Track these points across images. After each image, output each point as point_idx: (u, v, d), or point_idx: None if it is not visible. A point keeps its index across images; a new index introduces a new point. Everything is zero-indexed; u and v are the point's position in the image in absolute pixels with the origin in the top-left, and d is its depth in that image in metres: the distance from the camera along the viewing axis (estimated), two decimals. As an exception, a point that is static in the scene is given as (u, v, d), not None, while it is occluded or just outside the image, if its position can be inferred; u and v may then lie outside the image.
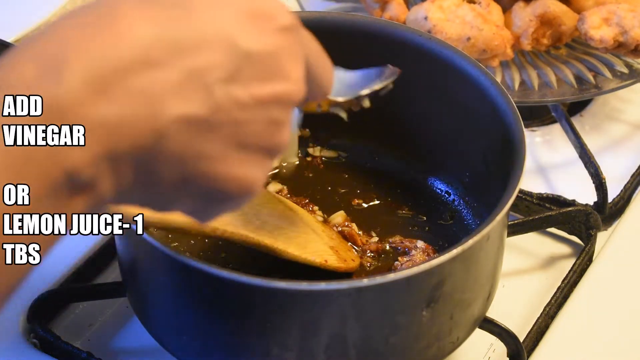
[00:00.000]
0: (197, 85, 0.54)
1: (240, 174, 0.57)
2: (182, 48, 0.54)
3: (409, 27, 0.97)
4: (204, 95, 0.54)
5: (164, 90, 0.53)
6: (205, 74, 0.54)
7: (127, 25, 0.53)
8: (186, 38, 0.54)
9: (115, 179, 0.53)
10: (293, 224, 0.85)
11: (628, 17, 1.05)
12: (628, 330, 0.91)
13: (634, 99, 1.17)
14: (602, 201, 1.00)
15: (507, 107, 0.84)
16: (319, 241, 0.85)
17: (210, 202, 0.59)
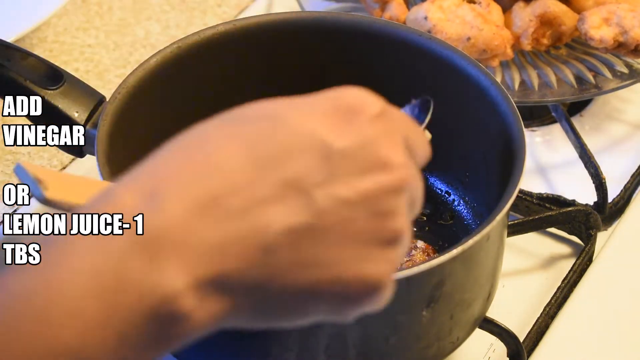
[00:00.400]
0: (296, 193, 0.53)
1: (362, 271, 0.56)
2: (272, 161, 0.54)
3: (409, 27, 0.97)
4: (305, 201, 0.54)
5: (263, 205, 0.53)
6: (301, 181, 0.54)
7: (215, 148, 0.54)
8: (274, 150, 0.54)
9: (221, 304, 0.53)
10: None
11: (628, 17, 1.05)
12: (628, 330, 0.91)
13: (634, 99, 1.17)
14: (602, 201, 1.00)
15: (507, 107, 0.84)
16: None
17: (341, 306, 0.57)
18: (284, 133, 0.55)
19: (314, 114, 0.56)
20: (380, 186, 0.56)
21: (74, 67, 1.18)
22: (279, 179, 0.53)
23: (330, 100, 0.57)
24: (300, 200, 0.54)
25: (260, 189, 0.53)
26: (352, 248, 0.55)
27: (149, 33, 1.24)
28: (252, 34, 0.92)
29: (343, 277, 0.55)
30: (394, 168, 0.56)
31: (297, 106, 0.57)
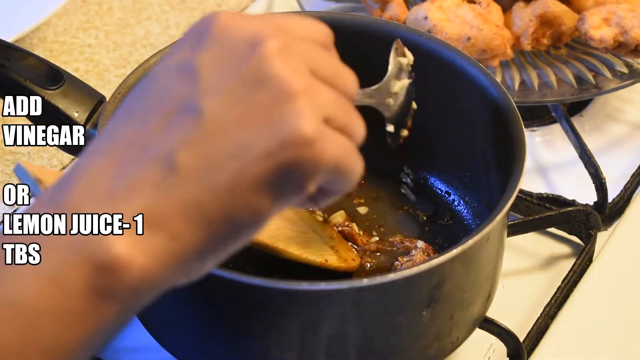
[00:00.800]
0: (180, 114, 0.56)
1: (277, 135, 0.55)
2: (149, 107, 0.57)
3: (409, 27, 0.97)
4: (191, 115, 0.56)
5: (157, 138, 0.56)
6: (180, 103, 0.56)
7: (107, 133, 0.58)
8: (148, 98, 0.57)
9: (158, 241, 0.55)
10: (293, 223, 0.85)
11: (628, 17, 1.05)
12: (628, 330, 0.91)
13: (634, 99, 1.17)
14: (602, 201, 1.00)
15: (507, 107, 0.84)
16: (319, 241, 0.85)
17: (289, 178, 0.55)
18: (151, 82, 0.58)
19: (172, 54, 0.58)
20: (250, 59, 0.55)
21: (74, 67, 1.18)
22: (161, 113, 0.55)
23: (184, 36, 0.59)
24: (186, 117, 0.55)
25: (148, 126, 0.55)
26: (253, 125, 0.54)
27: (149, 33, 1.24)
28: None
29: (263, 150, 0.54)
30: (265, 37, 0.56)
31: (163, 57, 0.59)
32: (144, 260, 0.53)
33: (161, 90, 0.56)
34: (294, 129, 0.54)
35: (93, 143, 0.57)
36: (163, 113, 0.55)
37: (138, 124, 0.56)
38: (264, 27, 0.57)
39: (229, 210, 0.55)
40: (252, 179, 0.54)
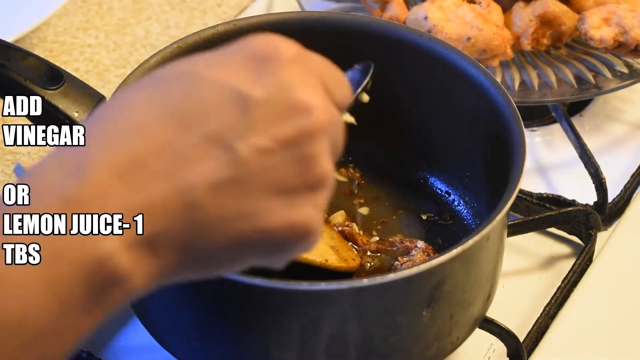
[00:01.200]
0: (217, 148, 0.54)
1: (289, 218, 0.56)
2: (190, 118, 0.54)
3: (409, 27, 0.97)
4: (226, 155, 0.54)
5: (185, 164, 0.53)
6: (220, 135, 0.54)
7: (137, 114, 0.54)
8: (191, 107, 0.54)
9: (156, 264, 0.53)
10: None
11: (628, 17, 1.05)
12: (628, 329, 0.91)
13: (634, 99, 1.17)
14: (602, 201, 1.00)
15: (507, 107, 0.84)
16: (319, 241, 0.85)
17: (273, 253, 0.57)
18: (199, 89, 0.55)
19: (227, 67, 0.56)
20: (301, 131, 0.56)
21: (74, 67, 1.18)
22: (198, 136, 0.54)
23: (242, 49, 0.57)
24: (221, 155, 0.54)
25: (181, 148, 0.53)
26: (277, 196, 0.56)
27: (149, 33, 1.24)
28: (252, 34, 0.92)
29: (270, 225, 0.55)
30: (311, 111, 0.56)
31: (210, 61, 0.57)
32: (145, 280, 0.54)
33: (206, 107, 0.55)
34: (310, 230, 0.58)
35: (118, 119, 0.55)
36: (201, 136, 0.54)
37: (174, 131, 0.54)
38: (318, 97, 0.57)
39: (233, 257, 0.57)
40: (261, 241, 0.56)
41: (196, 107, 0.54)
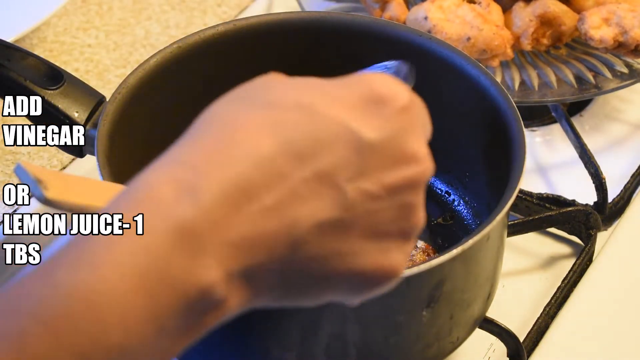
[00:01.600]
0: (327, 188, 0.53)
1: (381, 263, 0.57)
2: (304, 153, 0.53)
3: (409, 27, 0.97)
4: (335, 196, 0.54)
5: (296, 200, 0.53)
6: (332, 175, 0.54)
7: (251, 140, 0.53)
8: (307, 142, 0.53)
9: (248, 292, 0.53)
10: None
11: (628, 17, 1.05)
12: (628, 330, 0.91)
13: (634, 99, 1.17)
14: (602, 201, 1.00)
15: (507, 107, 0.84)
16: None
17: (356, 292, 0.58)
18: (315, 124, 0.54)
19: (344, 103, 0.55)
20: (407, 180, 0.56)
21: (74, 67, 1.18)
22: (311, 173, 0.53)
23: (359, 87, 0.56)
24: (330, 195, 0.54)
25: (292, 183, 0.53)
26: (374, 240, 0.56)
27: (149, 33, 1.24)
28: (252, 34, 0.92)
29: (364, 268, 0.56)
30: (419, 161, 0.57)
31: (326, 93, 0.56)
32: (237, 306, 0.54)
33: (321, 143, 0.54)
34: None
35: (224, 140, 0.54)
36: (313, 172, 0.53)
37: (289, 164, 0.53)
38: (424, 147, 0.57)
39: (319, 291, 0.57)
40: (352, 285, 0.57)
41: (312, 142, 0.53)
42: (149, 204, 0.51)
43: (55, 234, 0.53)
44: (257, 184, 0.52)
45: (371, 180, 0.55)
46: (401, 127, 0.56)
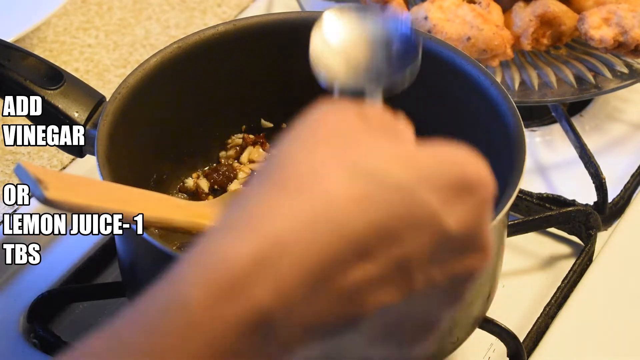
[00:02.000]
0: (401, 274, 0.52)
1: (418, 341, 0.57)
2: (393, 236, 0.51)
3: (409, 27, 0.97)
4: (405, 283, 0.53)
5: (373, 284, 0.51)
6: (409, 261, 0.52)
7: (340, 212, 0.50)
8: (397, 223, 0.51)
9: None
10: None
11: (628, 17, 1.05)
12: (628, 330, 0.91)
13: (634, 99, 1.17)
14: (602, 201, 1.00)
15: (507, 107, 0.84)
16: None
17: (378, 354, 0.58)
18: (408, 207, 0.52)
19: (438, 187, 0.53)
20: (470, 272, 0.55)
21: (74, 67, 1.18)
22: (393, 257, 0.52)
23: (453, 168, 0.54)
24: (401, 282, 0.53)
25: (375, 266, 0.51)
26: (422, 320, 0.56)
27: (149, 33, 1.24)
28: (252, 34, 0.92)
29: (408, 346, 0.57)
30: (486, 253, 0.56)
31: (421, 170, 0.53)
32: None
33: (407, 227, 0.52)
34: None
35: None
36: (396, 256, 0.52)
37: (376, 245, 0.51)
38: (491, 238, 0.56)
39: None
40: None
41: (401, 225, 0.52)
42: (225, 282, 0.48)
43: (55, 234, 0.53)
44: (342, 261, 0.50)
45: (439, 268, 0.54)
46: (481, 219, 0.55)
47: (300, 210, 0.50)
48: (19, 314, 0.89)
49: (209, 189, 0.94)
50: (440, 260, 0.54)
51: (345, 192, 0.51)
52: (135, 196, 0.73)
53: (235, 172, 0.95)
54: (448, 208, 0.53)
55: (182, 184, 0.94)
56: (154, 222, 0.73)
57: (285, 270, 0.49)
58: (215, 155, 0.97)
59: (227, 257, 0.48)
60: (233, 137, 0.97)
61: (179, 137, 0.93)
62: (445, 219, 0.53)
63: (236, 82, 0.94)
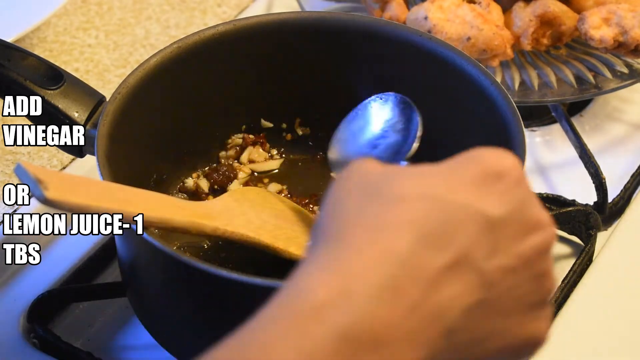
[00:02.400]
0: (468, 272, 0.54)
1: (531, 333, 0.58)
2: (441, 242, 0.54)
3: (409, 27, 0.97)
4: (476, 277, 0.55)
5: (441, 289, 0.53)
6: (469, 258, 0.54)
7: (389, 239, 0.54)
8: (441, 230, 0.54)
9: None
10: (293, 223, 0.85)
11: (628, 17, 1.05)
12: (628, 330, 0.91)
13: (634, 99, 1.17)
14: (602, 201, 1.00)
15: (507, 107, 0.84)
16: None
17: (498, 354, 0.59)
18: (444, 211, 0.55)
19: (465, 186, 0.56)
20: (538, 247, 0.57)
21: (74, 67, 1.18)
22: (450, 260, 0.54)
23: (473, 166, 0.57)
24: (471, 278, 0.55)
25: (434, 274, 0.53)
26: (517, 313, 0.57)
27: (149, 33, 1.24)
28: (252, 34, 0.92)
29: (513, 342, 0.58)
30: (545, 227, 0.58)
31: (445, 179, 0.57)
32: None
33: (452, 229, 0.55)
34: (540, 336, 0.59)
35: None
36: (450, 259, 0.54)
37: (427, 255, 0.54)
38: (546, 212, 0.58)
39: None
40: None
41: (445, 230, 0.54)
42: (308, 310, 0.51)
43: (55, 234, 0.53)
44: (404, 281, 0.53)
45: (506, 254, 0.56)
46: (520, 198, 0.57)
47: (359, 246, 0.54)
48: (19, 314, 0.89)
49: (209, 189, 0.94)
50: (503, 246, 0.56)
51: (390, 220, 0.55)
52: (135, 196, 0.73)
53: (235, 172, 0.95)
54: (482, 198, 0.56)
55: (182, 184, 0.94)
56: (154, 222, 0.73)
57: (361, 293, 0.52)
58: (215, 155, 0.97)
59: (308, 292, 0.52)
60: (233, 137, 0.97)
61: (179, 137, 0.93)
62: (483, 208, 0.55)
63: (236, 82, 0.94)
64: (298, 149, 0.99)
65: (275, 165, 0.97)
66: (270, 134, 0.98)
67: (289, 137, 0.99)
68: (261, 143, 0.97)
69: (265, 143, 0.97)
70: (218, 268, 0.71)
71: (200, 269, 0.71)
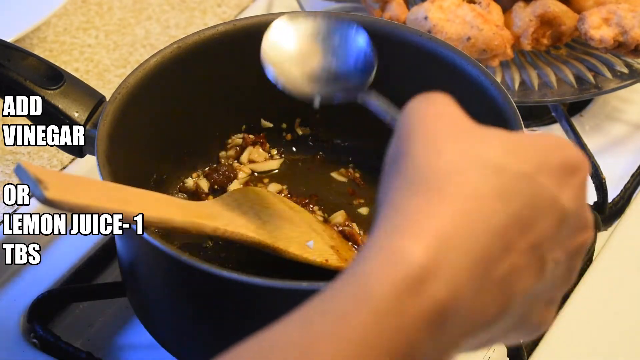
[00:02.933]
0: (537, 259, 0.56)
1: (539, 321, 0.60)
2: (527, 223, 0.55)
3: (409, 27, 0.97)
4: (540, 267, 0.56)
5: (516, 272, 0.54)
6: (542, 246, 0.56)
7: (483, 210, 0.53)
8: (529, 211, 0.55)
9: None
10: (293, 223, 0.85)
11: (628, 17, 1.05)
12: (628, 330, 0.91)
13: (634, 99, 1.17)
14: (602, 201, 1.00)
15: (507, 107, 0.84)
16: (320, 241, 0.85)
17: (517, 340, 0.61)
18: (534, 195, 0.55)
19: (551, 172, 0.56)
20: (582, 245, 0.59)
21: (74, 67, 1.18)
22: (529, 244, 0.55)
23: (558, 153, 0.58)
24: (537, 266, 0.56)
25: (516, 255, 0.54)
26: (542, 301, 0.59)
27: (149, 33, 1.24)
28: (252, 34, 0.92)
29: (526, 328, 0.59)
30: (591, 227, 0.60)
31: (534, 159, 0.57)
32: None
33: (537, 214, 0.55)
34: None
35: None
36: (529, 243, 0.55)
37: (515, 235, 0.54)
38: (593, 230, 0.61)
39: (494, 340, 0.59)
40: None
41: (532, 212, 0.55)
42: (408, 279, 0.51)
43: (55, 234, 0.53)
44: (493, 257, 0.53)
45: (562, 248, 0.57)
46: (584, 197, 0.59)
47: (455, 211, 0.53)
48: (19, 314, 0.89)
49: (209, 189, 0.94)
50: (562, 240, 0.57)
51: (485, 189, 0.54)
52: (135, 196, 0.73)
53: (235, 172, 0.95)
54: (561, 189, 0.56)
55: (182, 184, 0.94)
56: (154, 222, 0.73)
57: (456, 267, 0.51)
58: (215, 155, 0.97)
59: (406, 256, 0.51)
60: (233, 137, 0.97)
61: (179, 137, 0.93)
62: (563, 200, 0.56)
63: (236, 82, 0.94)
64: (298, 149, 0.99)
65: (275, 165, 0.98)
66: (270, 134, 0.98)
67: (289, 137, 0.99)
68: (261, 143, 0.97)
69: (265, 143, 0.97)
70: (218, 268, 0.71)
71: (201, 269, 0.71)
